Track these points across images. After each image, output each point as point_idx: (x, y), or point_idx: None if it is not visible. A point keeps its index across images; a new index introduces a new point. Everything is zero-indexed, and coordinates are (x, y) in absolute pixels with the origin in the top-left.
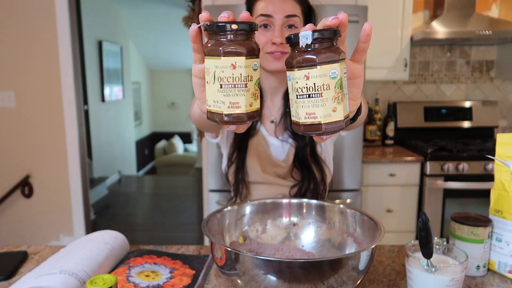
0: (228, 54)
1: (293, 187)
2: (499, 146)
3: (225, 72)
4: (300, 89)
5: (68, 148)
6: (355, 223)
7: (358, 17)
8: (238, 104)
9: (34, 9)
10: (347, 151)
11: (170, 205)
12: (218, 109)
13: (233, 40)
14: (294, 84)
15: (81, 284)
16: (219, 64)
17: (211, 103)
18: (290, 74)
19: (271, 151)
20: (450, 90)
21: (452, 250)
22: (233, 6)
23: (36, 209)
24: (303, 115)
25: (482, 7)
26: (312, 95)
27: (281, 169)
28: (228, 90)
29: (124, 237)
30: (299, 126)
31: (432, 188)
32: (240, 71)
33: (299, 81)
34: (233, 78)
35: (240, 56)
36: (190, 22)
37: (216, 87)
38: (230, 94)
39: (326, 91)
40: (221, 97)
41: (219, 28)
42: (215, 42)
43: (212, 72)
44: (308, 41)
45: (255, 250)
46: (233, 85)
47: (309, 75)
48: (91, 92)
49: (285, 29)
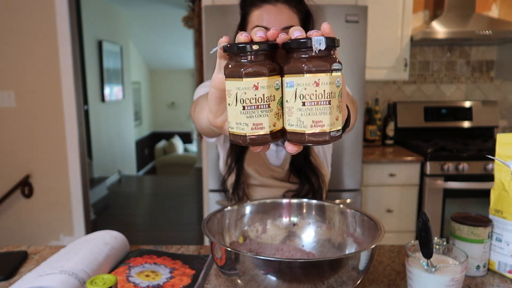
0: (249, 75)
1: (288, 192)
2: (499, 146)
3: (247, 93)
4: (308, 96)
5: (68, 148)
6: (355, 223)
7: (358, 17)
8: (261, 125)
9: (34, 9)
10: (347, 151)
11: (170, 205)
12: (241, 131)
13: (254, 60)
14: (301, 90)
15: (81, 284)
16: (241, 86)
17: (233, 125)
18: (294, 80)
19: (267, 157)
20: (450, 90)
21: (452, 250)
22: (233, 6)
23: (36, 209)
24: (309, 123)
25: (482, 7)
26: (321, 102)
27: (278, 173)
28: (251, 112)
29: (124, 237)
30: (302, 135)
31: (432, 188)
32: (263, 92)
33: (308, 87)
34: (256, 99)
35: (262, 76)
36: (190, 22)
37: (239, 109)
38: (253, 116)
39: (333, 99)
40: (244, 118)
41: (240, 50)
42: (235, 63)
43: (234, 94)
44: (322, 47)
45: (255, 250)
46: (256, 106)
47: (319, 82)
48: (91, 92)
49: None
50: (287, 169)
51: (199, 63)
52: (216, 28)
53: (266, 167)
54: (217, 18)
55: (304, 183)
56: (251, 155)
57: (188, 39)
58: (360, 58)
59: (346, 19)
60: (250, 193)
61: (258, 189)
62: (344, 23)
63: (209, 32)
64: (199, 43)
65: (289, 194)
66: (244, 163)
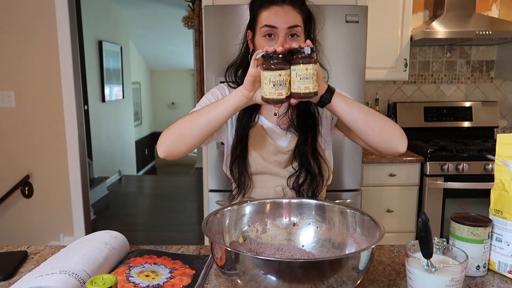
0: (277, 69)
1: (290, 177)
2: (499, 146)
3: (275, 78)
4: (302, 74)
5: (68, 148)
6: (355, 223)
7: (358, 17)
8: (282, 94)
9: (34, 9)
10: (347, 151)
11: (170, 205)
12: (272, 96)
13: (277, 62)
14: (299, 72)
15: (81, 284)
16: (273, 74)
17: (267, 94)
18: (296, 67)
19: (273, 139)
20: (450, 90)
21: (452, 250)
22: (233, 6)
23: (36, 209)
24: (302, 88)
25: (482, 7)
26: (308, 77)
27: (282, 156)
28: (277, 87)
29: (124, 237)
30: (299, 94)
31: (432, 188)
32: (283, 77)
33: (302, 71)
34: (279, 81)
35: (282, 70)
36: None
37: (271, 86)
38: (278, 89)
39: (314, 76)
40: (273, 91)
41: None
42: (269, 63)
43: (268, 78)
44: (308, 52)
45: (255, 250)
46: (279, 84)
47: (307, 68)
48: (91, 92)
49: (288, 38)
50: (291, 153)
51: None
52: (216, 28)
53: (271, 152)
54: (217, 18)
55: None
56: (257, 141)
57: (188, 39)
58: (360, 58)
59: (346, 19)
60: (253, 182)
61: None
62: (344, 23)
63: (209, 32)
64: (199, 43)
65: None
66: (248, 149)
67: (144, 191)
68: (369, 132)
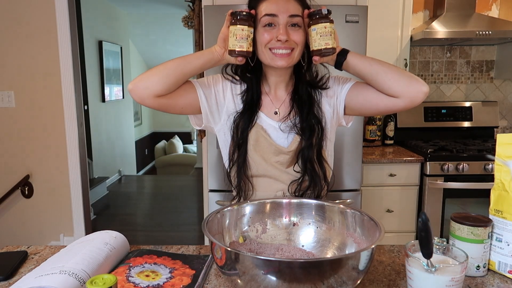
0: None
1: (293, 182)
2: (499, 146)
3: (238, 31)
4: (322, 32)
5: (68, 148)
6: (355, 223)
7: (358, 17)
8: (243, 47)
9: (34, 9)
10: (347, 151)
11: (170, 205)
12: (234, 48)
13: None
14: (319, 30)
15: (81, 284)
16: (237, 28)
17: (231, 46)
18: (316, 27)
19: (273, 139)
20: (450, 90)
21: (452, 250)
22: (233, 6)
23: (36, 209)
24: (323, 44)
25: (482, 7)
26: (327, 34)
27: (284, 156)
28: (239, 40)
29: (124, 237)
30: (320, 50)
31: (432, 188)
32: (245, 32)
33: (321, 29)
34: (241, 35)
35: (245, 26)
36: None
37: (234, 38)
38: (240, 42)
39: (332, 34)
40: (236, 43)
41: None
42: (236, 19)
43: (233, 32)
44: (325, 12)
45: (255, 250)
46: (241, 37)
47: (326, 26)
48: (91, 92)
49: (289, 28)
50: (293, 153)
51: None
52: (216, 28)
53: (272, 153)
54: (217, 18)
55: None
56: (257, 142)
57: (188, 39)
58: None
59: (346, 19)
60: (254, 185)
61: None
62: (344, 23)
63: (209, 32)
64: (199, 43)
65: (292, 187)
66: (248, 151)
67: (144, 191)
68: (391, 79)
